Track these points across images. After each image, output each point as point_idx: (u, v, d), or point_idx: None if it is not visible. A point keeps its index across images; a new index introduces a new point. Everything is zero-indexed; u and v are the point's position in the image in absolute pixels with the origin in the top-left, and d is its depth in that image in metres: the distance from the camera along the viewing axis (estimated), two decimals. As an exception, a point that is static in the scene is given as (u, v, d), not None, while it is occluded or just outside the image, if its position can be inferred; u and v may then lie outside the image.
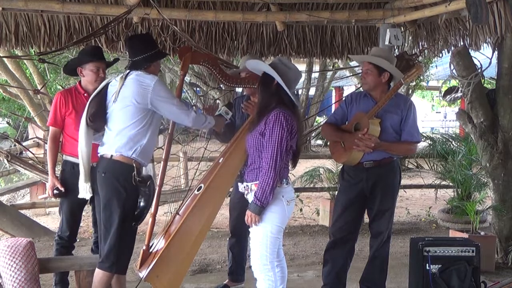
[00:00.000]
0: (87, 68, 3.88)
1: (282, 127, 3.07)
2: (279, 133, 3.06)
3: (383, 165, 3.81)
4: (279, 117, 3.09)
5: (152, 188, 3.40)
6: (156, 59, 3.54)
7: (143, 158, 3.40)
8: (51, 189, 3.93)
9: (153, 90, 3.31)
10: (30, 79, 10.96)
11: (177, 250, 3.53)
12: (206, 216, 3.61)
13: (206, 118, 3.53)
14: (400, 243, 6.05)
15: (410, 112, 3.80)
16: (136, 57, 3.45)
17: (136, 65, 3.44)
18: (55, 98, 3.96)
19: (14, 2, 4.99)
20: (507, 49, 4.80)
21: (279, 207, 3.16)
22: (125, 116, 3.36)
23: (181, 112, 3.39)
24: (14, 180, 11.05)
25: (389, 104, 3.79)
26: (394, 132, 3.80)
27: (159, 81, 3.39)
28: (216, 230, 6.59)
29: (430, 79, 15.98)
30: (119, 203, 3.31)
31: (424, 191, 9.38)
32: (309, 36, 6.06)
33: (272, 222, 3.16)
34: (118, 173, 3.33)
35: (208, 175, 3.73)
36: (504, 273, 4.76)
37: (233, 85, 3.88)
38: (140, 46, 3.50)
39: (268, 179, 3.05)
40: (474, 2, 4.08)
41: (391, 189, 3.89)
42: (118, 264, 3.36)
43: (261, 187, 3.07)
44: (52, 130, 3.96)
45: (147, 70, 3.44)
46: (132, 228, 3.40)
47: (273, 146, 3.06)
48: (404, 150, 3.99)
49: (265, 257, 3.19)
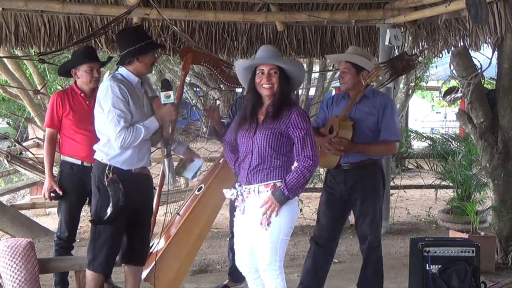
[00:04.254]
0: (81, 69, 3.87)
1: (310, 123, 3.06)
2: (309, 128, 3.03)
3: (362, 167, 3.70)
4: (305, 114, 3.06)
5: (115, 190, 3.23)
6: (141, 53, 3.29)
7: (121, 165, 3.28)
8: (48, 191, 3.92)
9: (102, 94, 3.23)
10: (30, 79, 10.96)
11: (177, 250, 3.53)
12: (206, 217, 3.62)
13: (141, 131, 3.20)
14: (400, 243, 6.04)
15: (386, 110, 3.68)
16: (121, 52, 3.34)
17: (120, 61, 3.34)
18: (52, 99, 3.95)
19: (14, 2, 5.00)
20: (507, 49, 4.80)
21: (293, 207, 3.06)
22: (96, 120, 3.34)
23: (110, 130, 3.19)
24: (14, 180, 11.04)
25: (365, 105, 3.70)
26: (372, 133, 3.69)
27: (111, 88, 3.20)
28: (216, 230, 6.58)
29: (430, 79, 15.95)
30: (94, 201, 3.33)
31: (424, 191, 9.37)
32: (309, 36, 6.07)
33: (285, 223, 3.03)
34: (94, 172, 3.34)
35: (209, 175, 3.73)
36: (504, 273, 4.75)
37: (233, 85, 3.88)
38: (125, 40, 3.37)
39: (310, 173, 2.98)
40: (474, 2, 4.08)
41: (371, 192, 3.72)
42: (95, 263, 3.32)
43: (297, 179, 2.95)
44: (49, 131, 3.95)
45: (131, 66, 3.31)
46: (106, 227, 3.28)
47: (313, 142, 3.01)
48: (382, 150, 3.84)
49: (275, 262, 3.06)
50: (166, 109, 3.33)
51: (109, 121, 3.19)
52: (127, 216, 3.33)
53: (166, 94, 3.33)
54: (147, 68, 3.41)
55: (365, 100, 3.72)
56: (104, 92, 3.22)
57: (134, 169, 3.33)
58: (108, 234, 3.30)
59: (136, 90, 3.34)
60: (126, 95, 3.22)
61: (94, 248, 3.32)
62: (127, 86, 3.26)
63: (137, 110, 3.29)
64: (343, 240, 6.16)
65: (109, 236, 3.30)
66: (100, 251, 3.31)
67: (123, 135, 3.16)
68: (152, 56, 3.41)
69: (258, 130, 3.07)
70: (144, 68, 3.37)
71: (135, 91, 3.33)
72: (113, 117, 3.17)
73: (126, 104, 3.21)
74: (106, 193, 3.24)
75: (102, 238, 3.30)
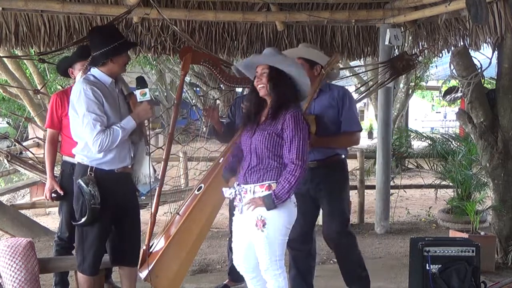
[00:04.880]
0: (76, 68, 3.86)
1: (304, 126, 3.01)
2: (302, 131, 2.99)
3: (327, 165, 3.67)
4: (299, 117, 3.01)
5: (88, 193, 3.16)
6: (113, 54, 3.19)
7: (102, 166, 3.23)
8: (49, 191, 3.91)
9: (75, 98, 3.15)
10: (30, 79, 10.97)
11: (177, 250, 3.53)
12: (206, 216, 3.61)
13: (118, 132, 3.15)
14: (400, 243, 6.04)
15: (345, 101, 3.65)
16: (94, 53, 3.24)
17: (93, 62, 3.25)
18: (51, 100, 3.95)
19: (14, 2, 5.00)
20: (507, 49, 4.80)
21: (288, 209, 3.05)
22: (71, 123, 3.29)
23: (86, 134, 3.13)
24: (14, 180, 11.05)
25: (323, 98, 3.67)
26: (333, 126, 3.66)
27: (84, 91, 3.12)
28: (216, 230, 6.59)
29: (430, 79, 15.96)
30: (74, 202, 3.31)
31: (424, 191, 9.38)
32: (309, 36, 6.06)
33: (280, 224, 3.04)
34: (76, 175, 3.30)
35: (208, 175, 3.72)
36: (504, 273, 4.75)
37: (233, 85, 3.87)
38: (98, 40, 3.25)
39: (294, 178, 2.95)
40: (474, 2, 4.08)
41: (337, 189, 3.70)
42: (84, 265, 3.30)
43: (283, 185, 2.96)
44: (50, 132, 3.94)
45: (105, 67, 3.22)
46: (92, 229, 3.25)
47: (300, 145, 2.97)
48: (346, 142, 3.81)
49: (275, 262, 3.06)
50: (142, 107, 3.27)
51: (84, 126, 3.12)
52: (111, 215, 3.29)
53: (142, 92, 3.26)
54: (121, 68, 3.32)
55: (323, 94, 3.69)
56: (78, 96, 3.13)
57: (116, 168, 3.29)
58: (94, 236, 3.26)
59: (110, 90, 3.26)
60: (100, 97, 3.15)
61: (83, 250, 3.30)
62: (100, 88, 3.18)
63: (113, 111, 3.22)
64: (343, 240, 6.16)
65: (95, 238, 3.27)
66: (88, 253, 3.29)
67: (100, 138, 3.11)
68: (126, 56, 3.33)
69: (257, 131, 3.09)
70: (118, 69, 3.29)
71: (110, 92, 3.25)
72: (88, 121, 3.11)
73: (101, 106, 3.14)
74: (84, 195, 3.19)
75: (89, 240, 3.27)
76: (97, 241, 3.29)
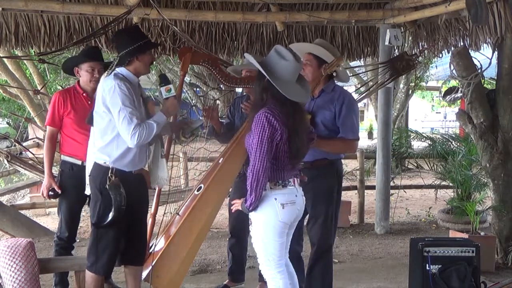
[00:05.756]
0: (83, 68, 3.87)
1: (263, 128, 2.90)
2: (258, 134, 2.91)
3: (316, 167, 3.56)
4: (261, 118, 2.92)
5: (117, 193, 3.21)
6: (139, 52, 3.29)
7: (123, 166, 3.27)
8: (46, 189, 3.91)
9: (108, 95, 3.18)
10: (30, 79, 10.96)
11: (177, 250, 3.53)
12: (206, 216, 3.61)
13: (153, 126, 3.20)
14: (400, 243, 6.04)
15: (343, 107, 3.54)
16: (120, 53, 3.32)
17: (119, 62, 3.32)
18: (54, 98, 3.95)
19: (14, 2, 5.00)
20: (507, 49, 4.80)
21: (270, 210, 3.01)
22: (96, 121, 3.33)
23: (124, 128, 3.15)
24: (14, 180, 11.03)
25: (323, 99, 3.60)
26: (326, 130, 3.57)
27: (117, 86, 3.16)
28: (216, 230, 6.58)
29: (430, 79, 15.96)
30: (96, 205, 3.31)
31: (424, 191, 9.37)
32: (309, 36, 6.07)
33: (263, 225, 3.04)
34: (95, 176, 3.31)
35: (208, 176, 3.72)
36: (504, 273, 4.75)
37: (232, 85, 3.87)
38: (123, 40, 3.35)
39: (249, 181, 2.94)
40: (474, 2, 4.08)
41: (323, 193, 3.58)
42: (97, 264, 3.32)
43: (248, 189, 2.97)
44: (50, 129, 3.94)
45: (131, 66, 3.30)
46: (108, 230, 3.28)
47: (253, 148, 2.93)
48: (340, 148, 3.65)
49: (267, 262, 3.09)
50: (170, 102, 3.37)
51: (121, 120, 3.15)
52: (127, 217, 3.32)
53: (167, 88, 3.36)
54: (146, 68, 3.41)
55: (324, 95, 3.63)
56: (111, 92, 3.17)
57: (134, 170, 3.33)
58: (111, 237, 3.30)
59: (136, 89, 3.34)
60: (131, 93, 3.22)
61: (96, 250, 3.32)
62: (129, 85, 3.27)
63: (139, 110, 3.28)
64: (343, 240, 6.16)
65: (111, 239, 3.31)
66: (102, 254, 3.31)
67: (138, 131, 3.15)
68: (150, 55, 3.42)
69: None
70: (143, 67, 3.37)
71: (136, 90, 3.33)
72: (125, 115, 3.14)
73: (133, 102, 3.21)
74: (108, 197, 3.23)
75: (104, 240, 3.30)
76: (114, 241, 3.32)
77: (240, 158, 3.62)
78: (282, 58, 2.96)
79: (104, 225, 3.26)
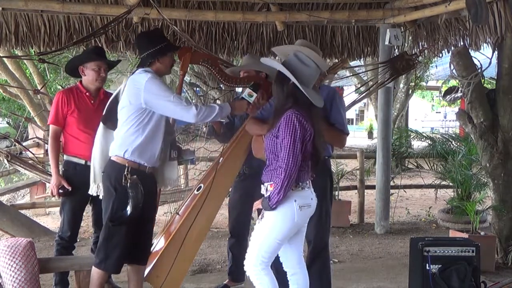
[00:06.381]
0: (89, 67, 3.87)
1: (295, 128, 2.99)
2: (291, 134, 2.98)
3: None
4: (291, 119, 3.00)
5: (137, 191, 3.25)
6: (160, 54, 3.37)
7: (141, 159, 3.31)
8: (56, 187, 3.88)
9: (144, 88, 3.23)
10: (30, 79, 10.95)
11: (177, 250, 3.53)
12: (206, 216, 3.61)
13: (215, 109, 3.31)
14: (400, 243, 6.04)
15: (334, 103, 3.61)
16: (141, 55, 3.42)
17: (141, 63, 3.41)
18: (57, 97, 3.94)
19: (14, 2, 5.00)
20: (507, 49, 4.80)
21: (288, 211, 3.07)
22: (121, 117, 3.35)
23: (179, 109, 3.25)
24: (14, 180, 11.04)
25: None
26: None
27: (152, 79, 3.26)
28: (216, 230, 6.59)
29: (430, 79, 15.96)
30: (109, 202, 3.32)
31: (424, 191, 9.38)
32: (309, 36, 6.07)
33: (275, 223, 3.08)
34: (110, 173, 3.33)
35: (208, 175, 3.73)
36: (504, 273, 4.75)
37: (232, 85, 3.87)
38: (144, 43, 3.44)
39: (280, 181, 2.99)
40: (474, 2, 4.08)
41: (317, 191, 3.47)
42: (107, 262, 3.33)
43: (274, 188, 3.02)
44: (53, 128, 3.93)
45: (153, 67, 3.36)
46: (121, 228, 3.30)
47: (285, 149, 2.98)
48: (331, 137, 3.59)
49: (257, 257, 3.11)
50: (241, 102, 3.52)
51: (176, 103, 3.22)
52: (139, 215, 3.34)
53: (250, 93, 3.51)
54: (167, 69, 3.50)
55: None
56: (150, 83, 3.23)
57: (149, 167, 3.36)
58: (123, 234, 3.31)
59: None
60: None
61: (107, 247, 3.33)
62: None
63: None
64: (343, 240, 6.17)
65: (123, 236, 3.31)
66: (113, 251, 3.32)
67: (199, 106, 3.24)
68: (171, 57, 3.50)
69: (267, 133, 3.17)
70: (164, 69, 3.45)
71: None
72: (174, 96, 3.25)
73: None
74: (123, 194, 3.25)
75: (116, 238, 3.31)
76: (125, 239, 3.32)
77: (240, 158, 3.62)
78: (304, 65, 3.09)
79: (122, 222, 3.28)
